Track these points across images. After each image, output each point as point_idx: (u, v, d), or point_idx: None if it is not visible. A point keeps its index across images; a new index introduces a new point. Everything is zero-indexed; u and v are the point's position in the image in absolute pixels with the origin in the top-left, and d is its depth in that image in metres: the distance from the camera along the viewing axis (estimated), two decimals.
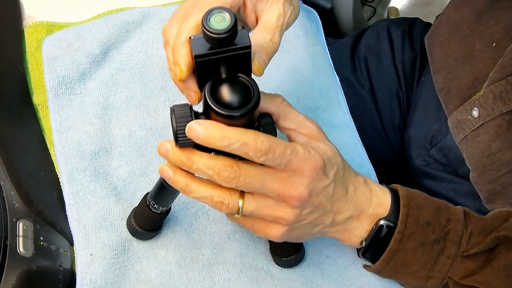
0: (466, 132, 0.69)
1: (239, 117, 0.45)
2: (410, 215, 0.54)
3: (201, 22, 0.42)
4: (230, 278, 0.60)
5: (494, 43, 0.67)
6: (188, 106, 0.47)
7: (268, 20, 0.50)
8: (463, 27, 0.72)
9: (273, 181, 0.48)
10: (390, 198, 0.56)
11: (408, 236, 0.54)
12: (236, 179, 0.47)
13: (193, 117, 0.46)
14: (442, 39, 0.76)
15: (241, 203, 0.49)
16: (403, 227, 0.54)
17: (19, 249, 0.53)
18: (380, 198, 0.55)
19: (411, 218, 0.54)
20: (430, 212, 0.55)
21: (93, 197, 0.61)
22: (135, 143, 0.66)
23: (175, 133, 0.46)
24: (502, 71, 0.64)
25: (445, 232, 0.54)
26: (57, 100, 0.67)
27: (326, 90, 0.75)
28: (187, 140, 0.46)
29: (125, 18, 0.73)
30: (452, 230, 0.54)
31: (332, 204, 0.52)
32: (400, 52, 0.88)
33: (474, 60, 0.69)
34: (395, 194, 0.56)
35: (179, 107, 0.46)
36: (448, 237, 0.54)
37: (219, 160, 0.47)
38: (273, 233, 0.52)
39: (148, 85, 0.70)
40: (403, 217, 0.54)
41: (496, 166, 0.65)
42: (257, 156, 0.46)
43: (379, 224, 0.55)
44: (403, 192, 0.56)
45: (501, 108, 0.64)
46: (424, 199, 0.56)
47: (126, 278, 0.58)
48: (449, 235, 0.54)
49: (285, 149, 0.47)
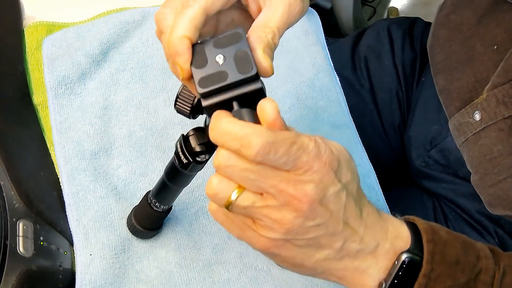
0: (468, 135, 0.68)
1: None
2: (436, 253, 0.44)
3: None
4: (230, 278, 0.60)
5: (496, 45, 0.67)
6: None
7: (270, 17, 0.44)
8: (464, 29, 0.72)
9: (275, 177, 0.39)
10: (408, 229, 0.46)
11: (435, 279, 0.44)
12: (230, 168, 0.39)
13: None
14: (443, 41, 0.75)
15: (235, 195, 0.40)
16: (429, 268, 0.44)
17: (19, 249, 0.53)
18: (397, 228, 0.46)
19: (437, 256, 0.44)
20: (458, 249, 0.45)
21: (93, 197, 0.61)
22: (135, 143, 0.66)
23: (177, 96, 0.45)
24: (505, 75, 0.63)
25: (476, 272, 0.45)
26: (57, 100, 0.66)
27: (326, 90, 0.74)
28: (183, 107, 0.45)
29: (125, 18, 0.73)
30: (483, 270, 0.46)
31: (345, 220, 0.42)
32: (400, 52, 0.88)
33: (475, 63, 0.69)
34: (412, 227, 0.47)
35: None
36: (479, 277, 0.45)
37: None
38: (261, 241, 0.42)
39: (148, 85, 0.70)
40: (428, 256, 0.44)
41: (498, 170, 0.64)
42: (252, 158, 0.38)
43: (401, 259, 0.44)
44: (423, 225, 0.46)
45: (504, 112, 0.63)
46: (447, 233, 0.46)
47: (126, 278, 0.58)
48: (480, 275, 0.45)
49: (290, 145, 0.38)
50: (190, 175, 0.52)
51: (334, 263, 0.44)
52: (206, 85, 0.40)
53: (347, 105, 0.75)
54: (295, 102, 0.72)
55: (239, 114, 0.39)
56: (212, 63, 0.41)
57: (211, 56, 0.41)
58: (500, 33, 0.67)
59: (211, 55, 0.41)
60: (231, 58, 0.41)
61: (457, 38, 0.73)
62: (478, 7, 0.71)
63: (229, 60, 0.41)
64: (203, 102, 0.40)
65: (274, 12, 0.44)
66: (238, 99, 0.40)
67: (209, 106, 0.40)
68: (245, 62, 0.40)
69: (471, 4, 0.72)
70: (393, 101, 0.87)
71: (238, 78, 0.40)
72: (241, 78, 0.40)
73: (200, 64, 0.41)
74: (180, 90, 0.45)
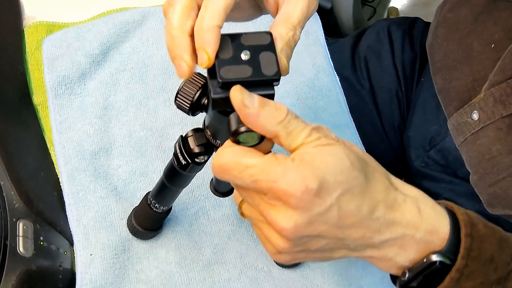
0: (466, 135, 0.68)
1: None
2: (473, 249, 0.43)
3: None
4: (230, 278, 0.60)
5: (493, 44, 0.67)
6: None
7: (290, 13, 0.44)
8: (461, 27, 0.72)
9: (260, 200, 0.40)
10: (449, 224, 0.44)
11: (468, 275, 0.43)
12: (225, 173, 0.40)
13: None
14: (441, 40, 0.75)
15: (240, 204, 0.43)
16: (463, 264, 0.43)
17: (19, 249, 0.53)
18: (433, 223, 0.43)
19: (473, 253, 0.43)
20: (493, 245, 0.44)
21: (93, 197, 0.61)
22: (135, 143, 0.66)
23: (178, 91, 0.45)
24: (502, 74, 0.63)
25: (507, 271, 0.44)
26: (57, 100, 0.66)
27: (326, 90, 0.75)
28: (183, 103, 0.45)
29: (125, 18, 0.73)
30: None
31: (344, 230, 0.41)
32: (400, 52, 0.88)
33: (473, 62, 0.69)
34: (452, 216, 0.44)
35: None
36: (510, 277, 0.44)
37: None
38: (269, 249, 0.43)
39: (148, 85, 0.70)
40: (464, 252, 0.43)
41: (497, 169, 0.64)
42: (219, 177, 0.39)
43: (431, 259, 0.43)
44: (463, 215, 0.44)
45: (501, 111, 0.63)
46: (485, 226, 0.45)
47: (126, 278, 0.58)
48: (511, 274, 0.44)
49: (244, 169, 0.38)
50: (189, 176, 0.51)
51: (356, 254, 0.43)
52: (228, 75, 0.40)
53: (347, 105, 0.75)
54: (295, 102, 0.73)
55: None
56: (236, 57, 0.41)
57: (236, 50, 0.41)
58: (497, 32, 0.67)
59: (236, 50, 0.41)
60: (257, 57, 0.41)
61: (454, 37, 0.73)
62: (475, 5, 0.71)
63: (254, 58, 0.41)
64: (213, 95, 0.41)
65: (294, 8, 0.44)
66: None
67: (218, 100, 0.41)
68: (269, 64, 0.41)
69: (468, 2, 0.72)
70: (393, 101, 0.87)
71: (260, 78, 0.40)
72: (263, 79, 0.40)
73: (224, 55, 0.41)
74: (181, 86, 0.45)
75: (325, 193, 0.38)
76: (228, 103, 0.40)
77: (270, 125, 0.39)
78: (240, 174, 0.38)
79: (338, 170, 0.39)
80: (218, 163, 0.39)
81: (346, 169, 0.39)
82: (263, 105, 0.39)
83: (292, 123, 0.39)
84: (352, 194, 0.40)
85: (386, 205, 0.42)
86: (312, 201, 0.38)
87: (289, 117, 0.39)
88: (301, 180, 0.37)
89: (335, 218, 0.39)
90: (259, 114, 0.39)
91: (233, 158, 0.39)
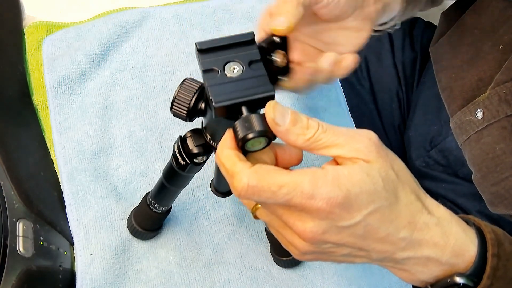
0: (470, 133, 0.68)
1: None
2: (499, 268, 0.43)
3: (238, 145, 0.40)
4: (230, 278, 0.60)
5: (501, 45, 0.67)
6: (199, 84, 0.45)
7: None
8: (476, 32, 0.72)
9: (283, 210, 0.40)
10: (476, 246, 0.43)
11: None
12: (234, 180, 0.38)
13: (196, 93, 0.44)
14: (452, 44, 0.75)
15: (253, 208, 0.43)
16: (488, 283, 0.42)
17: (19, 249, 0.53)
18: (461, 246, 0.43)
19: (499, 272, 0.43)
20: None
21: (93, 197, 0.61)
22: (135, 143, 0.66)
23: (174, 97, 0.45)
24: (508, 73, 0.63)
25: None
26: (57, 100, 0.66)
27: (326, 90, 0.74)
28: (180, 110, 0.45)
29: (125, 18, 0.73)
30: None
31: (370, 244, 0.41)
32: (400, 52, 0.88)
33: (480, 62, 0.69)
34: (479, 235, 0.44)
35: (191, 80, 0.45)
36: None
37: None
38: (292, 251, 0.43)
39: (148, 85, 0.70)
40: (490, 271, 0.42)
41: (500, 168, 0.64)
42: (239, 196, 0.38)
43: (454, 281, 0.43)
44: (490, 234, 0.44)
45: (506, 110, 0.63)
46: (510, 243, 0.44)
47: (126, 278, 0.58)
48: None
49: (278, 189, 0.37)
50: (188, 176, 0.51)
51: (377, 263, 0.44)
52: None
53: (347, 105, 0.75)
54: (295, 102, 0.72)
55: (248, 120, 0.39)
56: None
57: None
58: (507, 34, 0.67)
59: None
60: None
61: (468, 40, 0.72)
62: (493, 12, 0.70)
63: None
64: (215, 104, 0.40)
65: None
66: (247, 104, 0.41)
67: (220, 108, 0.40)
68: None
69: (487, 8, 0.71)
70: (393, 101, 0.87)
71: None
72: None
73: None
74: (176, 93, 0.44)
75: (355, 210, 0.39)
76: (229, 110, 0.40)
77: (299, 142, 0.39)
78: (274, 195, 0.37)
79: (371, 189, 0.39)
80: (246, 185, 0.37)
81: (379, 190, 0.39)
82: (294, 123, 0.39)
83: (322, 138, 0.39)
84: (381, 214, 0.40)
85: (415, 227, 0.41)
86: (340, 215, 0.38)
87: (319, 134, 0.39)
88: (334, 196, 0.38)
89: (361, 232, 0.40)
90: (289, 132, 0.39)
91: (264, 179, 0.38)
